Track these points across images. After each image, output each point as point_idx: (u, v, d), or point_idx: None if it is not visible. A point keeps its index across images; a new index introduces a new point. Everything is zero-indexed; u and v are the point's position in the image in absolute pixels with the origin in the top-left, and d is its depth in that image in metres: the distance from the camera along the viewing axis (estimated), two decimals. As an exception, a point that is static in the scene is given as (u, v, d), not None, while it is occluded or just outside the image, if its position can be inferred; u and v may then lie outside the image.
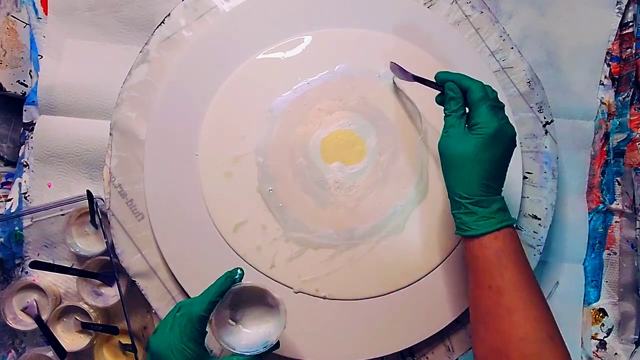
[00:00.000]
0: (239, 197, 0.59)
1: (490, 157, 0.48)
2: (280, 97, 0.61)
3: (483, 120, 0.48)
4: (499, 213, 0.48)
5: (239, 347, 0.48)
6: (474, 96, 0.49)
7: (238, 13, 0.63)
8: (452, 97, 0.50)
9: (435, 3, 0.66)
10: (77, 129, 0.68)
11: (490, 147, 0.48)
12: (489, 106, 0.48)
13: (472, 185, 0.48)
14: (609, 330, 0.71)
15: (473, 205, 0.48)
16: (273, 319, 0.51)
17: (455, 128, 0.49)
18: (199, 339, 0.47)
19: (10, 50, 0.69)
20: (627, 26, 0.73)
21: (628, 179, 0.72)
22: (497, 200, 0.48)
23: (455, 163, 0.49)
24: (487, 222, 0.47)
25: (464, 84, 0.50)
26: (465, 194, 0.48)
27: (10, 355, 0.67)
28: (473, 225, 0.48)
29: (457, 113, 0.50)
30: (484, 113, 0.48)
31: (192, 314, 0.46)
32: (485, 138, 0.47)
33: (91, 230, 0.66)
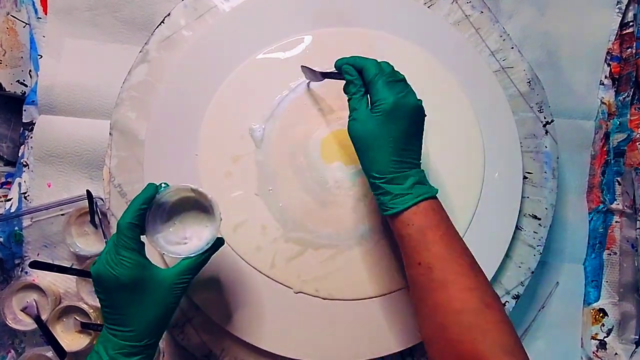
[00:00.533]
0: (239, 197, 0.59)
1: (393, 132, 0.47)
2: (280, 97, 0.61)
3: (380, 96, 0.47)
4: (415, 188, 0.47)
5: (183, 252, 0.48)
6: (369, 74, 0.49)
7: (238, 13, 0.63)
8: (350, 80, 0.50)
9: (435, 3, 0.66)
10: (76, 129, 0.68)
11: (391, 122, 0.47)
12: (385, 82, 0.48)
13: (382, 163, 0.47)
14: (609, 330, 0.71)
15: (387, 184, 0.47)
16: (209, 219, 0.50)
17: (358, 110, 0.49)
18: (134, 247, 0.45)
19: (10, 50, 0.69)
20: (627, 26, 0.73)
21: (628, 179, 0.72)
22: (412, 174, 0.48)
23: (363, 144, 0.48)
24: (403, 199, 0.46)
25: (358, 64, 0.50)
26: (377, 173, 0.47)
27: (10, 355, 0.67)
28: (390, 204, 0.47)
29: (357, 95, 0.50)
30: (380, 89, 0.48)
31: (119, 225, 0.45)
32: (384, 114, 0.47)
33: (91, 230, 0.66)
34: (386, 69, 0.50)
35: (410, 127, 0.48)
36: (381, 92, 0.48)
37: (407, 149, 0.48)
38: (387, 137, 0.47)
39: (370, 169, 0.48)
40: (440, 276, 0.45)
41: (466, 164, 0.62)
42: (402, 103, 0.47)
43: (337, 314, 0.59)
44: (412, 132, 0.49)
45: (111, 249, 0.45)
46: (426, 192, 0.47)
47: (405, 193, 0.47)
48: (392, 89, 0.48)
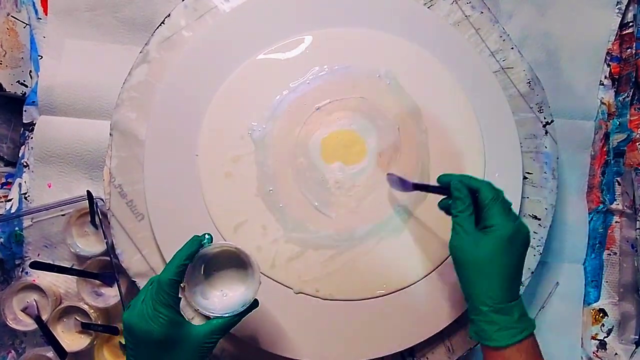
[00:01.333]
0: (239, 197, 0.59)
1: (508, 261, 0.46)
2: (280, 97, 0.61)
3: (498, 222, 0.46)
4: (520, 321, 0.45)
5: (217, 311, 0.48)
6: (485, 197, 0.47)
7: (238, 13, 0.63)
8: (459, 196, 0.48)
9: (435, 3, 0.66)
10: (77, 129, 0.68)
11: (507, 250, 0.45)
12: (502, 207, 0.47)
13: (491, 291, 0.45)
14: (609, 330, 0.71)
15: (494, 313, 0.44)
16: (248, 279, 0.50)
17: (465, 229, 0.47)
18: (171, 304, 0.45)
19: (10, 50, 0.69)
20: (627, 26, 0.73)
21: (628, 179, 0.72)
22: (517, 305, 0.46)
23: (471, 267, 0.46)
24: (508, 332, 0.44)
25: (472, 184, 0.49)
26: (484, 300, 0.45)
27: (11, 355, 0.67)
28: (495, 335, 0.44)
29: (465, 213, 0.48)
30: (497, 214, 0.46)
31: (161, 280, 0.45)
32: (502, 241, 0.45)
33: (91, 231, 0.66)
34: (501, 194, 0.48)
35: (521, 255, 0.47)
36: (498, 218, 0.46)
37: (516, 278, 0.47)
38: (501, 265, 0.45)
39: (474, 292, 0.46)
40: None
41: (466, 164, 0.62)
42: (519, 231, 0.46)
43: (337, 314, 0.59)
44: (521, 260, 0.47)
45: (148, 301, 0.45)
46: (529, 326, 0.45)
47: (511, 326, 0.44)
48: (509, 216, 0.47)
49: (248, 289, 0.50)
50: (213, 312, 0.47)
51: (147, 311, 0.45)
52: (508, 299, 0.45)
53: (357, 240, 0.59)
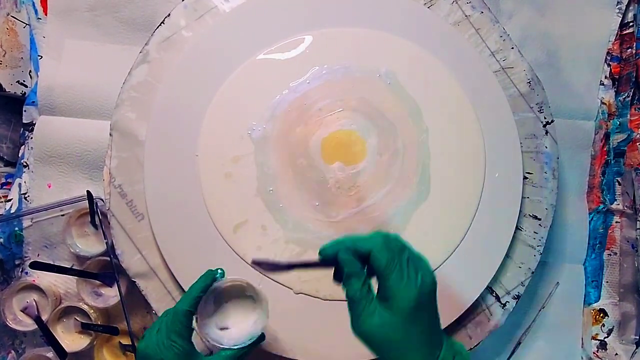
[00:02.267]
0: (239, 197, 0.59)
1: (423, 327, 0.40)
2: (281, 97, 0.61)
3: (397, 293, 0.39)
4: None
5: (225, 343, 0.49)
6: (379, 264, 0.40)
7: (238, 13, 0.63)
8: (350, 272, 0.41)
9: (435, 3, 0.66)
10: (77, 129, 0.68)
11: (418, 319, 0.40)
12: (400, 271, 0.40)
13: None
14: (610, 330, 0.71)
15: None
16: (257, 313, 0.51)
17: (366, 309, 0.40)
18: (185, 335, 0.47)
19: (10, 50, 0.69)
20: (627, 26, 0.73)
21: (628, 179, 0.72)
22: (447, 354, 0.41)
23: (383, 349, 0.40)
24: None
25: (362, 250, 0.41)
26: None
27: (10, 356, 0.67)
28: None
29: (363, 289, 0.40)
30: (395, 284, 0.39)
31: (177, 310, 0.47)
32: (408, 313, 0.39)
33: (91, 231, 0.66)
34: (395, 248, 0.41)
35: (434, 308, 0.42)
36: (397, 288, 0.39)
37: (435, 334, 0.42)
38: (415, 334, 0.40)
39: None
40: None
41: (466, 164, 0.62)
42: (423, 291, 0.40)
43: (338, 314, 0.58)
44: (435, 312, 0.42)
45: (163, 330, 0.47)
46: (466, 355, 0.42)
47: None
48: (409, 277, 0.40)
49: (256, 322, 0.51)
50: (222, 345, 0.49)
51: (163, 340, 0.46)
52: (434, 357, 0.40)
53: (357, 240, 0.59)
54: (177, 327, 0.46)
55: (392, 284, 0.39)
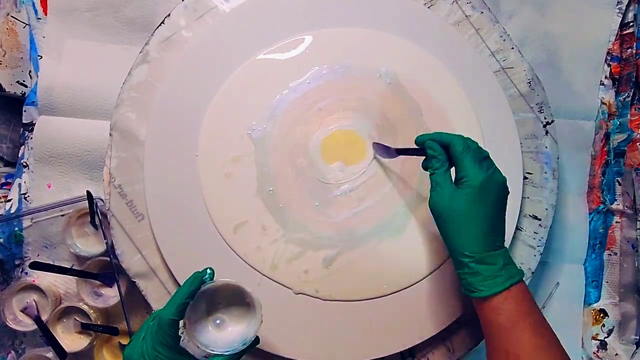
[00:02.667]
0: (239, 197, 0.59)
1: (484, 210, 0.46)
2: (281, 97, 0.61)
3: (469, 173, 0.46)
4: (505, 269, 0.45)
5: (217, 348, 0.47)
6: (456, 150, 0.48)
7: (238, 13, 0.63)
8: (433, 155, 0.49)
9: (435, 3, 0.66)
10: (76, 129, 0.68)
11: (481, 200, 0.46)
12: (473, 157, 0.47)
13: (471, 242, 0.46)
14: (610, 330, 0.71)
15: (476, 263, 0.45)
16: (251, 315, 0.49)
17: (441, 185, 0.48)
18: (170, 344, 0.45)
19: (10, 50, 0.69)
20: (627, 26, 0.73)
21: (628, 179, 0.71)
22: (501, 254, 0.46)
23: (449, 221, 0.47)
24: (494, 281, 0.45)
25: (444, 140, 0.49)
26: (465, 252, 0.46)
27: (10, 356, 0.67)
28: (480, 286, 0.45)
29: (440, 170, 0.48)
30: (468, 165, 0.47)
31: (161, 319, 0.45)
32: (474, 191, 0.46)
33: (91, 231, 0.66)
34: (472, 145, 0.48)
35: (498, 204, 0.47)
36: (469, 169, 0.46)
37: (496, 227, 0.47)
38: (477, 215, 0.46)
39: (459, 248, 0.46)
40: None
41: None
42: (491, 180, 0.47)
43: (337, 314, 0.58)
44: (499, 209, 0.48)
45: (147, 339, 0.45)
46: (516, 274, 0.46)
47: (496, 275, 0.45)
48: (481, 166, 0.47)
49: (249, 326, 0.49)
50: (213, 350, 0.47)
51: (147, 350, 0.45)
52: (489, 249, 0.46)
53: (358, 240, 0.59)
54: (160, 337, 0.45)
55: (465, 166, 0.47)
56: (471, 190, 0.46)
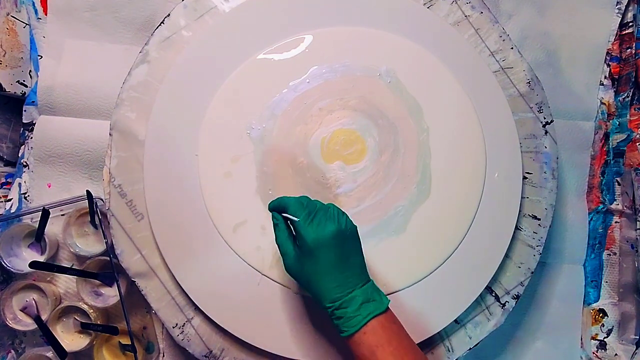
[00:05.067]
0: (239, 197, 0.59)
1: (326, 263, 0.48)
2: (280, 97, 0.61)
3: (300, 235, 0.48)
4: (362, 307, 0.48)
5: None
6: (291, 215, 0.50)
7: (238, 13, 0.63)
8: (275, 223, 0.52)
9: (435, 3, 0.66)
10: (76, 129, 0.68)
11: (320, 255, 0.48)
12: (304, 218, 0.49)
13: (325, 293, 0.48)
14: (609, 330, 0.71)
15: (337, 310, 0.48)
16: None
17: (286, 252, 0.50)
18: None
19: (10, 50, 0.69)
20: (627, 26, 0.73)
21: (628, 179, 0.72)
22: (357, 294, 0.48)
23: (302, 281, 0.50)
24: (353, 321, 0.47)
25: (280, 205, 0.52)
26: (325, 304, 0.48)
27: (10, 355, 0.67)
28: (343, 327, 0.48)
29: (282, 237, 0.51)
30: (300, 229, 0.49)
31: None
32: (309, 250, 0.48)
33: (91, 231, 0.66)
34: (304, 203, 0.50)
35: (339, 252, 0.49)
36: (301, 231, 0.48)
37: (345, 272, 0.49)
38: (321, 271, 0.48)
39: (318, 300, 0.49)
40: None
41: (466, 164, 0.62)
42: (321, 236, 0.48)
43: (337, 314, 0.58)
44: (343, 255, 0.49)
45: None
46: (374, 310, 0.48)
47: (354, 315, 0.47)
48: (311, 225, 0.48)
49: None
50: None
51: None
52: (345, 293, 0.48)
53: (357, 240, 0.59)
54: None
55: (297, 229, 0.49)
56: (307, 251, 0.48)
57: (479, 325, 0.62)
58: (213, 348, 0.59)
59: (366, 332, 0.47)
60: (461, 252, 0.61)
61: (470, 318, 0.62)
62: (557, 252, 0.71)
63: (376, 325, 0.47)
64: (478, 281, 0.61)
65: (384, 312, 0.49)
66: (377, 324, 0.47)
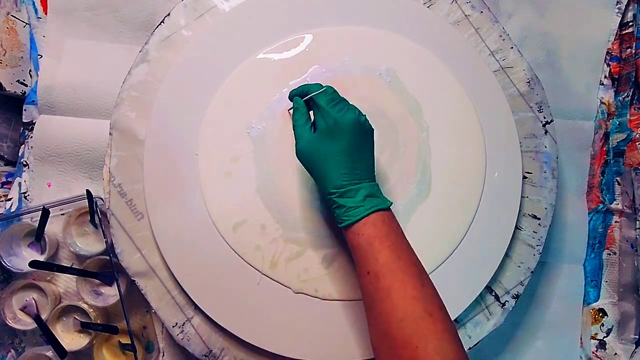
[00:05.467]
0: (239, 196, 0.59)
1: (337, 147, 0.49)
2: (281, 96, 0.61)
3: (319, 117, 0.50)
4: (367, 200, 0.48)
5: None
6: (311, 98, 0.51)
7: (238, 13, 0.63)
8: (296, 107, 0.53)
9: (435, 3, 0.66)
10: (76, 128, 0.68)
11: (333, 138, 0.49)
12: (325, 102, 0.49)
13: (332, 179, 0.49)
14: (609, 330, 0.71)
15: (340, 197, 0.48)
16: None
17: (301, 135, 0.51)
18: None
19: (10, 49, 0.69)
20: (626, 26, 0.73)
21: (628, 179, 0.72)
22: (363, 187, 0.49)
23: (311, 164, 0.51)
24: (355, 211, 0.48)
25: (303, 90, 0.52)
26: (329, 189, 0.49)
27: (10, 354, 0.67)
28: (343, 217, 0.48)
29: (300, 121, 0.52)
30: (320, 110, 0.50)
31: None
32: (325, 133, 0.49)
33: (91, 230, 0.66)
34: (328, 90, 0.51)
35: (354, 141, 0.49)
36: (320, 113, 0.49)
37: (355, 163, 0.49)
38: (332, 153, 0.49)
39: (323, 186, 0.50)
40: (386, 284, 0.45)
41: (466, 163, 0.62)
42: (341, 119, 0.49)
43: (337, 314, 0.58)
44: (356, 146, 0.49)
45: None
46: (377, 204, 0.48)
47: (357, 205, 0.48)
48: (332, 109, 0.49)
49: None
50: None
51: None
52: (351, 183, 0.49)
53: (357, 239, 0.59)
54: None
55: (317, 111, 0.50)
56: (322, 132, 0.49)
57: (478, 325, 0.62)
58: (213, 347, 0.59)
59: (367, 223, 0.47)
60: (461, 251, 0.61)
61: (470, 317, 0.62)
62: (557, 251, 0.71)
63: (377, 219, 0.48)
64: (478, 280, 0.61)
65: (386, 210, 0.49)
66: (378, 217, 0.48)
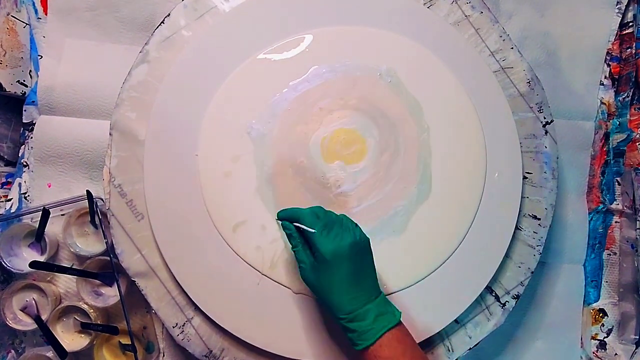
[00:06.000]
0: (239, 197, 0.59)
1: (341, 276, 0.49)
2: (281, 96, 0.61)
3: (318, 246, 0.49)
4: (377, 321, 0.48)
5: None
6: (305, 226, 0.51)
7: (238, 13, 0.63)
8: (288, 233, 0.53)
9: (435, 3, 0.66)
10: (76, 129, 0.68)
11: (336, 268, 0.49)
12: (319, 229, 0.50)
13: (339, 305, 0.49)
14: (609, 330, 0.71)
15: (350, 322, 0.49)
16: None
17: (303, 261, 0.51)
18: None
19: (10, 50, 0.69)
20: (627, 26, 0.73)
21: (628, 179, 0.72)
22: (371, 308, 0.49)
23: (318, 291, 0.51)
24: (368, 334, 0.48)
25: (294, 217, 0.53)
26: (339, 315, 0.49)
27: (10, 355, 0.67)
28: (357, 341, 0.48)
29: (298, 247, 0.52)
30: (316, 240, 0.49)
31: None
32: (328, 262, 0.48)
33: (91, 230, 0.66)
34: (320, 214, 0.51)
35: (355, 264, 0.49)
36: (318, 244, 0.49)
37: (360, 285, 0.50)
38: (335, 281, 0.49)
39: (333, 313, 0.50)
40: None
41: (467, 163, 0.62)
42: (338, 247, 0.49)
43: (337, 314, 0.58)
44: (359, 267, 0.50)
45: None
46: (388, 322, 0.49)
47: (369, 329, 0.48)
48: (328, 237, 0.49)
49: None
50: None
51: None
52: (359, 306, 0.49)
53: (357, 240, 0.59)
54: None
55: (313, 241, 0.50)
56: (323, 262, 0.49)
57: (479, 325, 0.62)
58: (213, 348, 0.59)
59: (382, 345, 0.48)
60: (461, 252, 0.61)
61: (470, 318, 0.62)
62: (557, 252, 0.71)
63: (392, 338, 0.48)
64: (478, 281, 0.61)
65: (398, 325, 0.49)
66: (393, 337, 0.48)
